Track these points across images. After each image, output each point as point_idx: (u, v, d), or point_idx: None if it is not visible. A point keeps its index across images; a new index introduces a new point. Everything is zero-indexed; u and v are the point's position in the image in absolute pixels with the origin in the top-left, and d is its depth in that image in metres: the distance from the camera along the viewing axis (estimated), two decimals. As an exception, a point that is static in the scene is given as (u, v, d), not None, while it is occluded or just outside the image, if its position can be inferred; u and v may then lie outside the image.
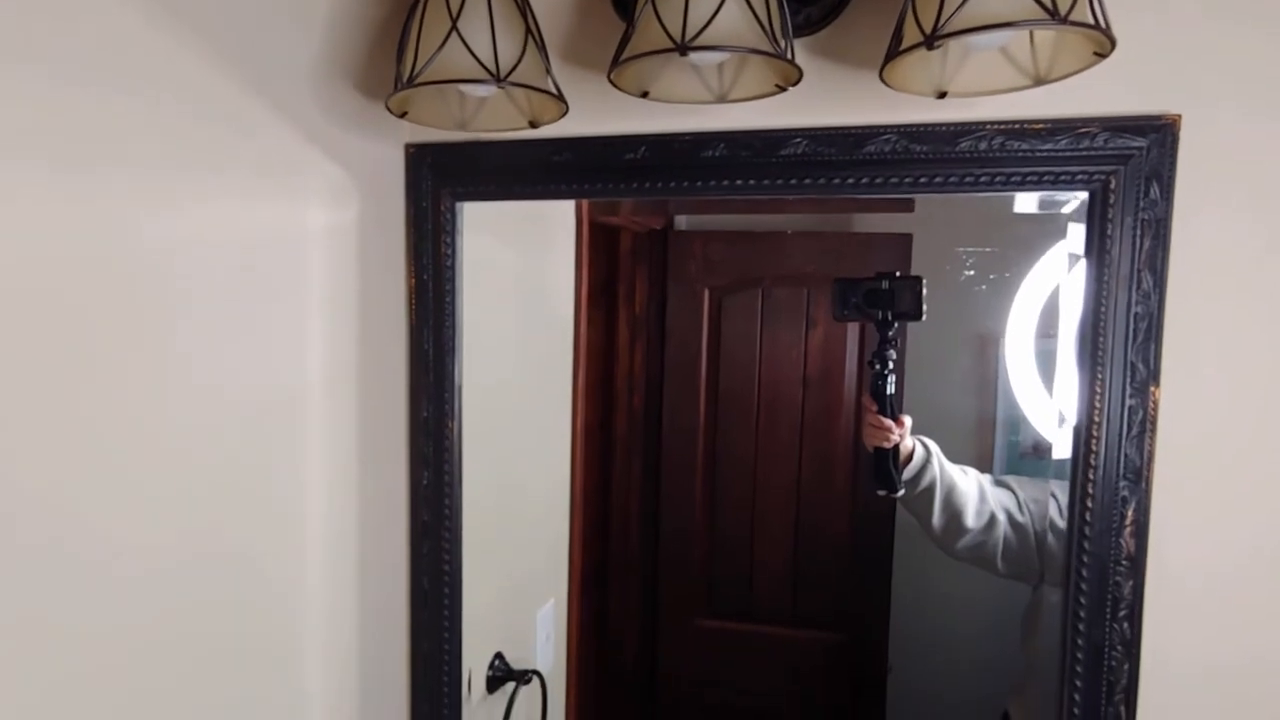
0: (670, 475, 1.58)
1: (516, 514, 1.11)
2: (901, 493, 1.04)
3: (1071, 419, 0.66)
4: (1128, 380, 0.63)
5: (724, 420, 1.59)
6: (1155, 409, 0.63)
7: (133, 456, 0.58)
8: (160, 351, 0.60)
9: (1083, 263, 0.65)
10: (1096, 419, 0.63)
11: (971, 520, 1.04)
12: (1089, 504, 0.64)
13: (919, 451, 1.03)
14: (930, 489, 1.04)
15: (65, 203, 0.52)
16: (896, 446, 1.01)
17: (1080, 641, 0.66)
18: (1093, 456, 0.64)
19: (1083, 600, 0.65)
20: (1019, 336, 1.08)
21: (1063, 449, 0.75)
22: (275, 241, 0.71)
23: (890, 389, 1.03)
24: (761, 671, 1.55)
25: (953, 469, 1.05)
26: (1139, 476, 0.64)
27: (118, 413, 0.56)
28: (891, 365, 1.04)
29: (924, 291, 1.09)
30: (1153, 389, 0.63)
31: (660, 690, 1.56)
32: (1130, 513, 0.63)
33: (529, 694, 1.09)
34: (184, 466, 0.62)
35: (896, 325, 1.06)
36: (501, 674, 1.04)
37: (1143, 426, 0.63)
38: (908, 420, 1.03)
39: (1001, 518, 1.04)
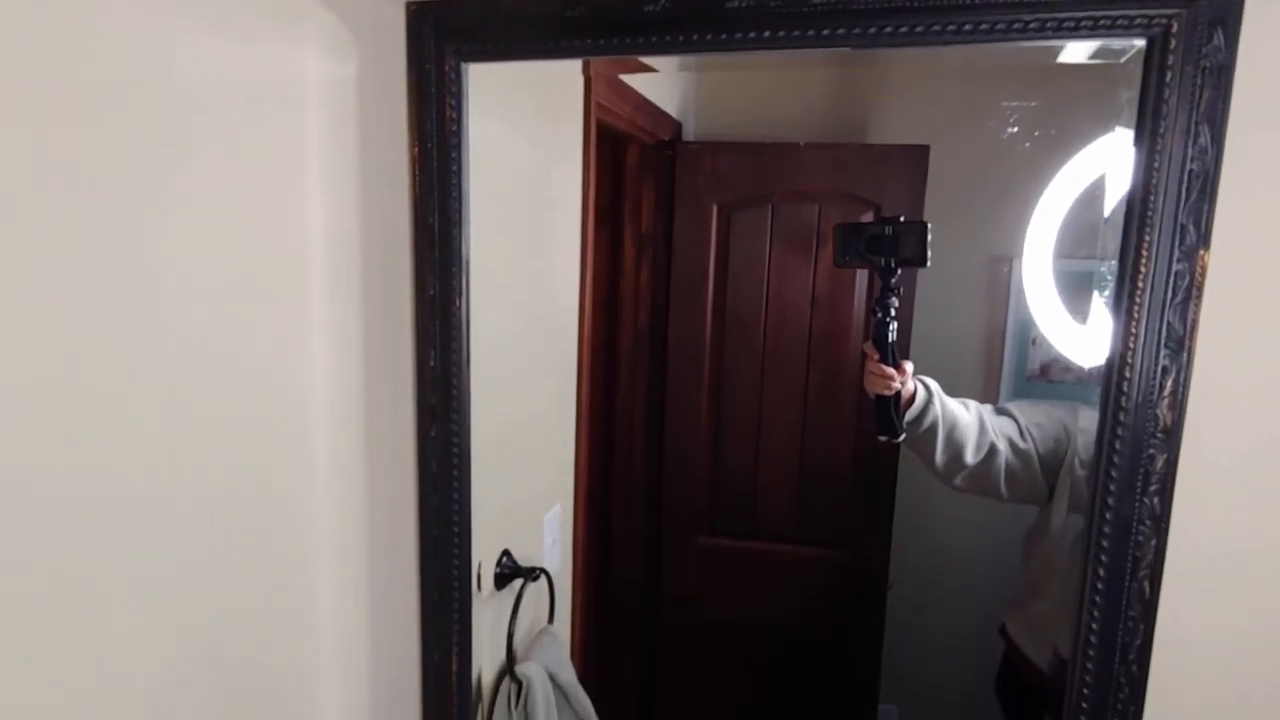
0: (675, 394, 1.57)
1: (524, 417, 1.09)
2: (903, 437, 1.04)
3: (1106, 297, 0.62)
4: (1176, 244, 0.60)
5: (730, 339, 1.56)
6: (1203, 275, 0.60)
7: (131, 322, 0.55)
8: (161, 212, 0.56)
9: (1132, 121, 0.61)
10: (1140, 285, 0.60)
11: (971, 456, 1.04)
12: (1127, 374, 0.62)
13: (920, 393, 1.02)
14: (932, 428, 1.03)
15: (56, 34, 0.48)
16: (898, 393, 1.00)
17: (1108, 516, 0.64)
18: (1134, 324, 0.61)
19: (1114, 474, 0.63)
20: (1037, 254, 1.06)
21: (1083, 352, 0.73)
22: (272, 93, 0.66)
23: (892, 336, 1.02)
24: (762, 587, 1.56)
25: (954, 405, 1.05)
26: (1180, 346, 0.61)
27: (117, 271, 0.53)
28: (894, 313, 1.03)
29: (929, 237, 1.06)
30: (1201, 253, 0.60)
31: (661, 603, 1.58)
32: (1169, 384, 0.61)
33: (536, 593, 1.09)
34: (180, 336, 0.58)
35: (899, 272, 1.04)
36: (509, 571, 1.03)
37: (1188, 294, 0.60)
38: (909, 366, 1.02)
39: (1003, 447, 1.04)
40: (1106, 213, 0.68)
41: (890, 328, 1.01)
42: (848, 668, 1.46)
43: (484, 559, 0.95)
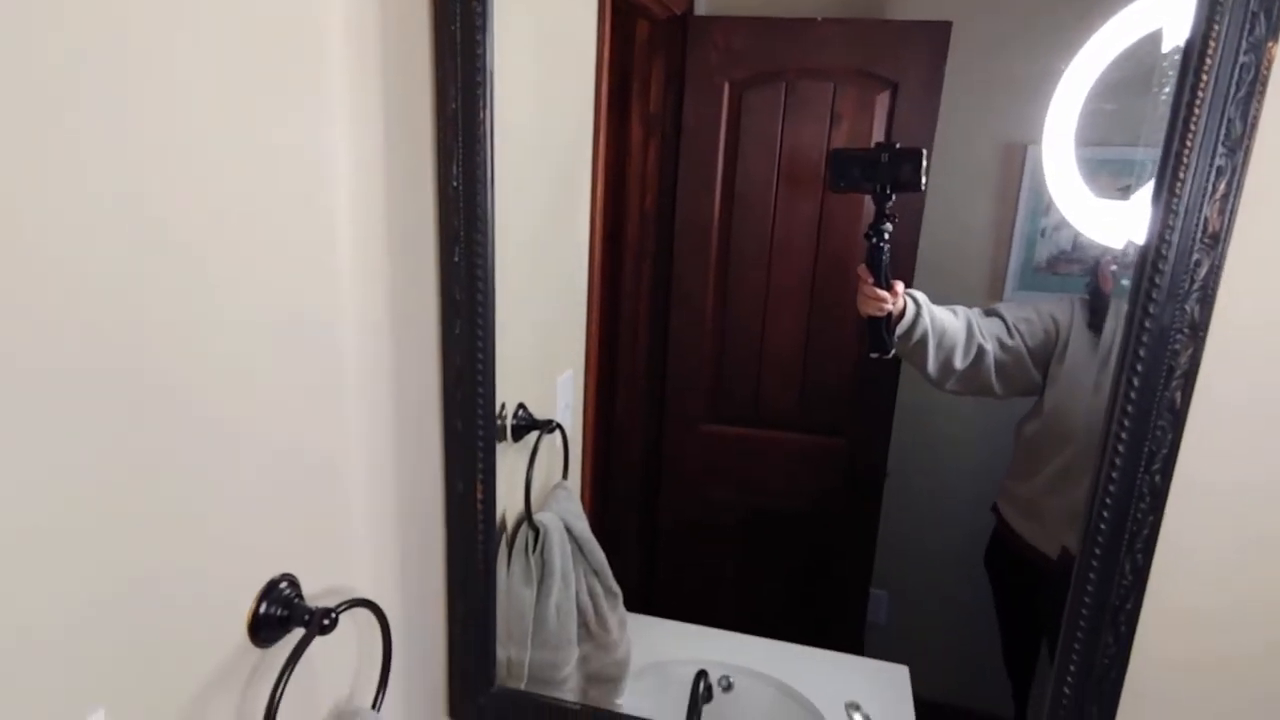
0: (681, 280, 1.55)
1: (540, 269, 1.07)
2: (893, 352, 1.06)
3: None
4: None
5: (739, 223, 1.53)
6: (1268, 68, 0.58)
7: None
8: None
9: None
10: (1204, 77, 0.58)
11: (960, 361, 1.06)
12: (1180, 175, 0.61)
13: (909, 308, 1.04)
14: (923, 340, 1.05)
15: None
16: (889, 314, 1.02)
17: (1147, 324, 0.64)
18: (1193, 120, 0.59)
19: (1157, 281, 0.63)
20: (1057, 139, 1.05)
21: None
22: None
23: (885, 258, 1.03)
24: (762, 474, 1.57)
25: (942, 315, 1.06)
26: (1237, 145, 0.60)
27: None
28: (888, 237, 1.03)
29: (925, 164, 1.04)
30: (1269, 45, 0.58)
31: (665, 486, 1.59)
32: (1222, 185, 0.60)
33: (550, 449, 1.09)
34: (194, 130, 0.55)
35: (894, 198, 1.03)
36: (525, 423, 1.03)
37: (1251, 88, 0.59)
38: (900, 286, 1.03)
39: (990, 347, 1.06)
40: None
41: (884, 251, 1.03)
42: (842, 553, 1.50)
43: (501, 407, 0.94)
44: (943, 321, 1.06)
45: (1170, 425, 0.66)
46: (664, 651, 1.16)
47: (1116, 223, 1.03)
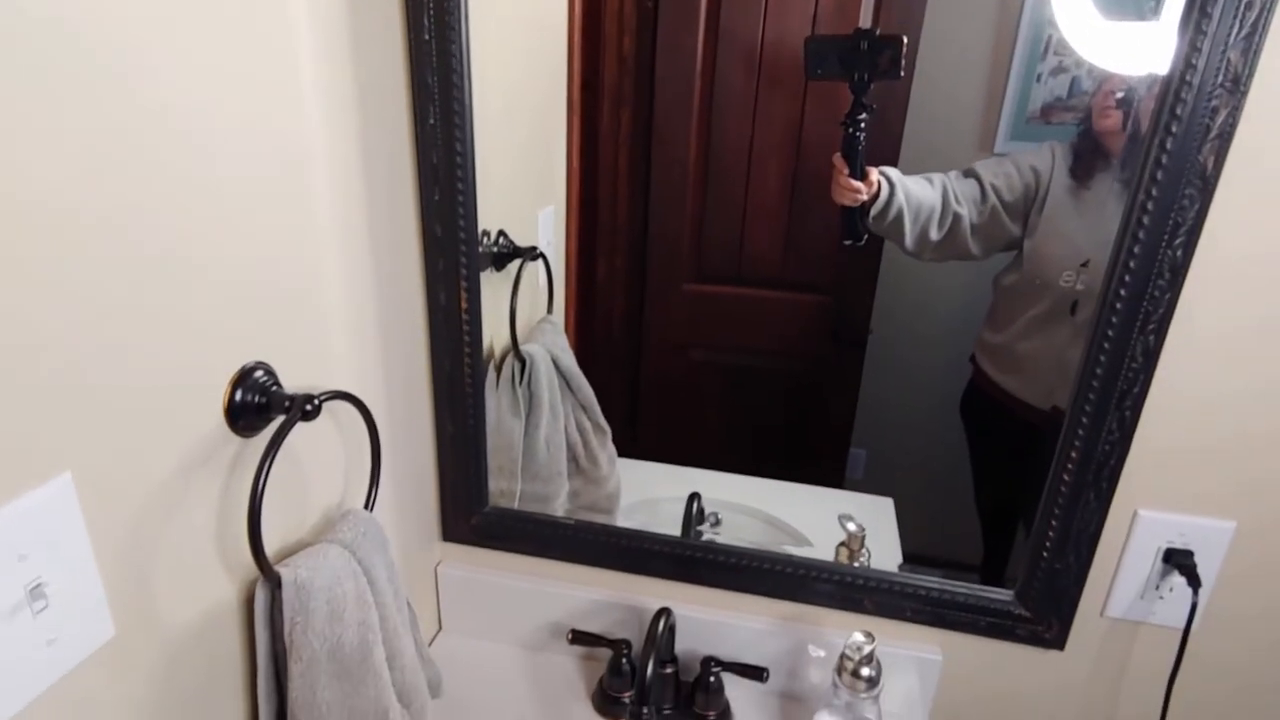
0: (662, 129, 1.47)
1: (515, 119, 1.00)
2: (866, 240, 1.06)
3: None
4: None
5: (724, 68, 1.44)
6: None
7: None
8: None
9: None
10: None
11: (936, 232, 1.04)
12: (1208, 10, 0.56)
13: (883, 189, 1.01)
14: (898, 217, 1.04)
15: None
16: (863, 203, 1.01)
17: (1159, 176, 0.61)
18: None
19: (1174, 129, 0.61)
20: None
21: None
22: None
23: (861, 148, 1.00)
24: (745, 333, 1.54)
25: (916, 188, 1.04)
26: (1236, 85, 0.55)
27: None
28: (864, 126, 0.99)
29: (904, 50, 0.97)
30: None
31: (647, 346, 1.57)
32: (1217, 124, 0.56)
33: (534, 285, 1.04)
34: None
35: (872, 87, 0.99)
36: (507, 251, 0.98)
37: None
38: (874, 174, 1.01)
39: (965, 212, 1.03)
40: None
41: (860, 140, 0.99)
42: (823, 412, 1.50)
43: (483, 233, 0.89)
44: (918, 196, 1.05)
45: (1199, 193, 0.64)
46: (653, 489, 1.15)
47: (1126, 48, 0.97)
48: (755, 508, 1.15)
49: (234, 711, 0.63)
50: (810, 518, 1.11)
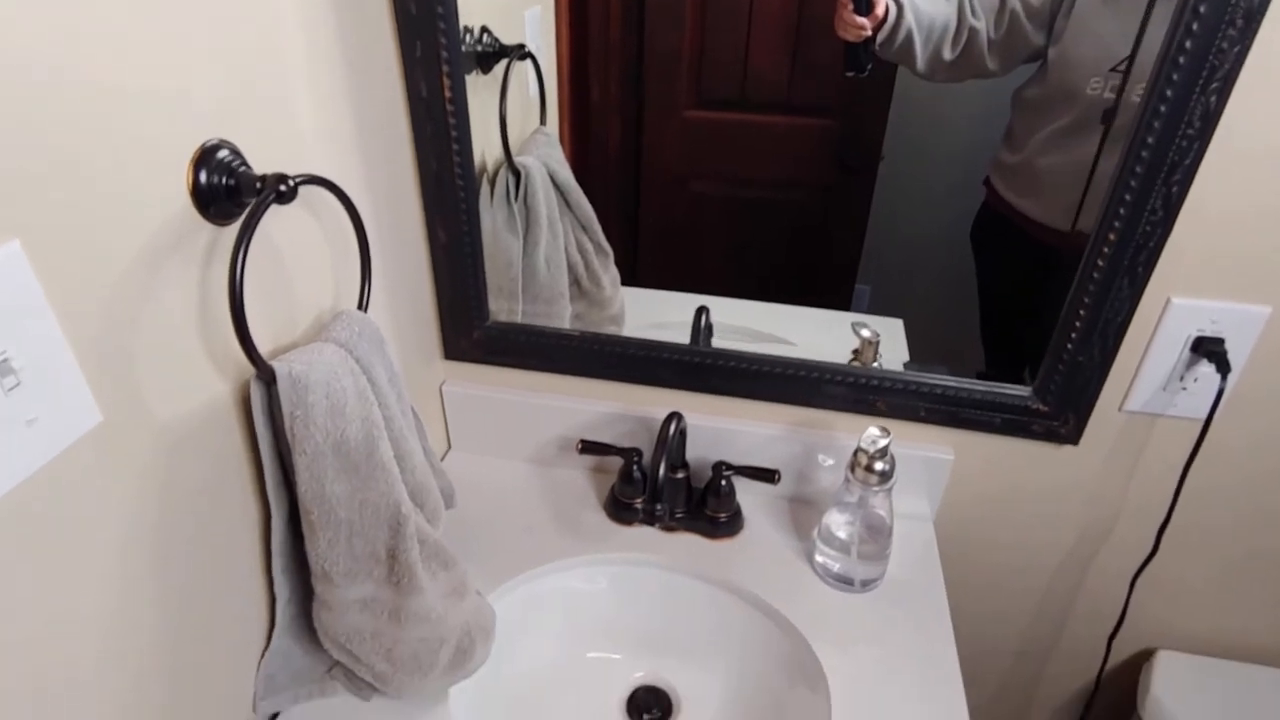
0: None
1: None
2: (869, 70, 0.96)
3: None
4: None
5: None
6: None
7: None
8: None
9: None
10: None
11: (949, 52, 0.94)
12: None
13: (890, 13, 0.90)
14: (907, 41, 0.93)
15: None
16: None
17: None
18: None
19: None
20: None
21: None
22: None
23: None
24: (748, 161, 1.45)
25: (926, 5, 0.88)
26: None
27: None
28: None
29: None
30: None
31: (646, 179, 1.48)
32: None
33: (524, 95, 0.95)
34: None
35: None
36: (493, 50, 0.88)
37: None
38: (880, 7, 0.90)
39: (982, 25, 0.91)
40: None
41: None
42: (828, 246, 1.44)
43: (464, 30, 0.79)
44: (929, 15, 0.93)
45: None
46: (657, 315, 1.12)
47: None
48: (763, 330, 1.12)
49: (245, 506, 0.63)
50: (819, 340, 1.08)
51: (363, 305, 0.67)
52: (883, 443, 0.74)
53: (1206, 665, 0.93)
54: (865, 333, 0.92)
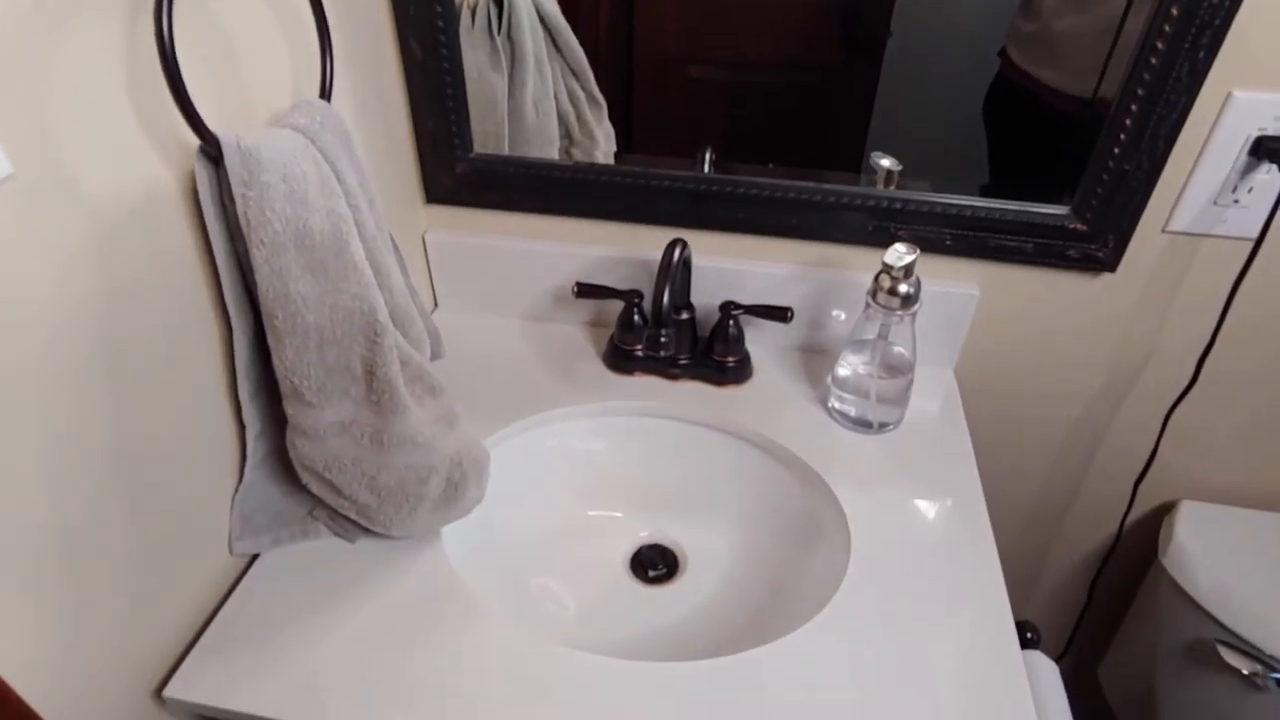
0: None
1: None
2: None
3: None
4: None
5: None
6: None
7: None
8: None
9: None
10: None
11: None
12: None
13: None
14: None
15: None
16: None
17: None
18: None
19: None
20: None
21: None
22: None
23: None
24: (748, 40, 1.34)
25: None
26: None
27: None
28: None
29: None
30: None
31: (636, 63, 1.37)
32: None
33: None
34: None
35: None
36: None
37: None
38: None
39: None
40: None
41: None
42: (834, 130, 1.34)
43: None
44: None
45: None
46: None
47: None
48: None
49: (203, 318, 0.56)
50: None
51: (325, 94, 0.59)
52: (909, 258, 0.67)
53: (1231, 514, 0.90)
54: (885, 163, 0.84)
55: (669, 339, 0.65)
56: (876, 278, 0.71)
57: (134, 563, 0.53)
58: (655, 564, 0.80)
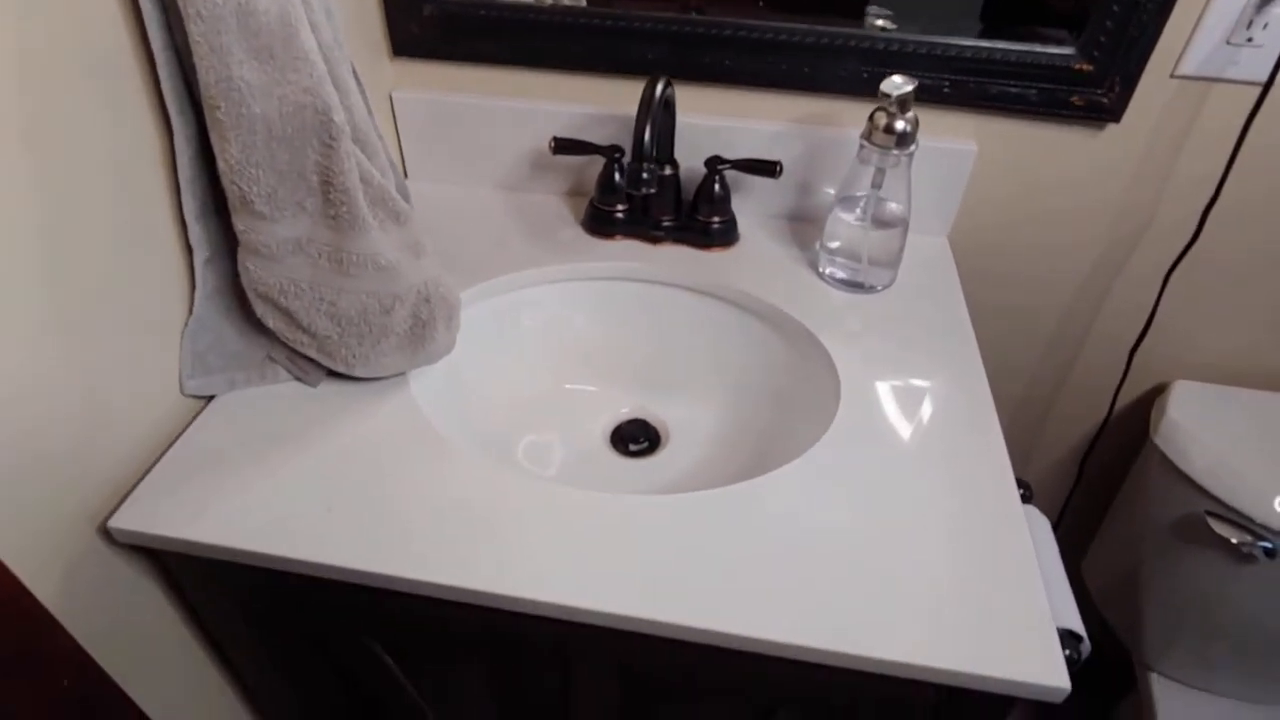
0: None
1: None
2: None
3: None
4: None
5: None
6: None
7: None
8: None
9: None
10: None
11: None
12: None
13: None
14: None
15: None
16: None
17: None
18: None
19: None
20: None
21: None
22: None
23: None
24: None
25: None
26: None
27: None
28: None
29: None
30: None
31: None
32: None
33: None
34: None
35: None
36: None
37: None
38: None
39: None
40: None
41: None
42: None
43: None
44: None
45: None
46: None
47: None
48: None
49: (137, 119, 0.51)
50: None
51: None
52: (907, 87, 0.63)
53: (1223, 392, 0.88)
54: (879, 22, 0.79)
55: (650, 176, 0.61)
56: (871, 117, 0.67)
57: (76, 395, 0.49)
58: (637, 438, 0.77)
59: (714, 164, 0.76)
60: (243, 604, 0.58)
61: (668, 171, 0.77)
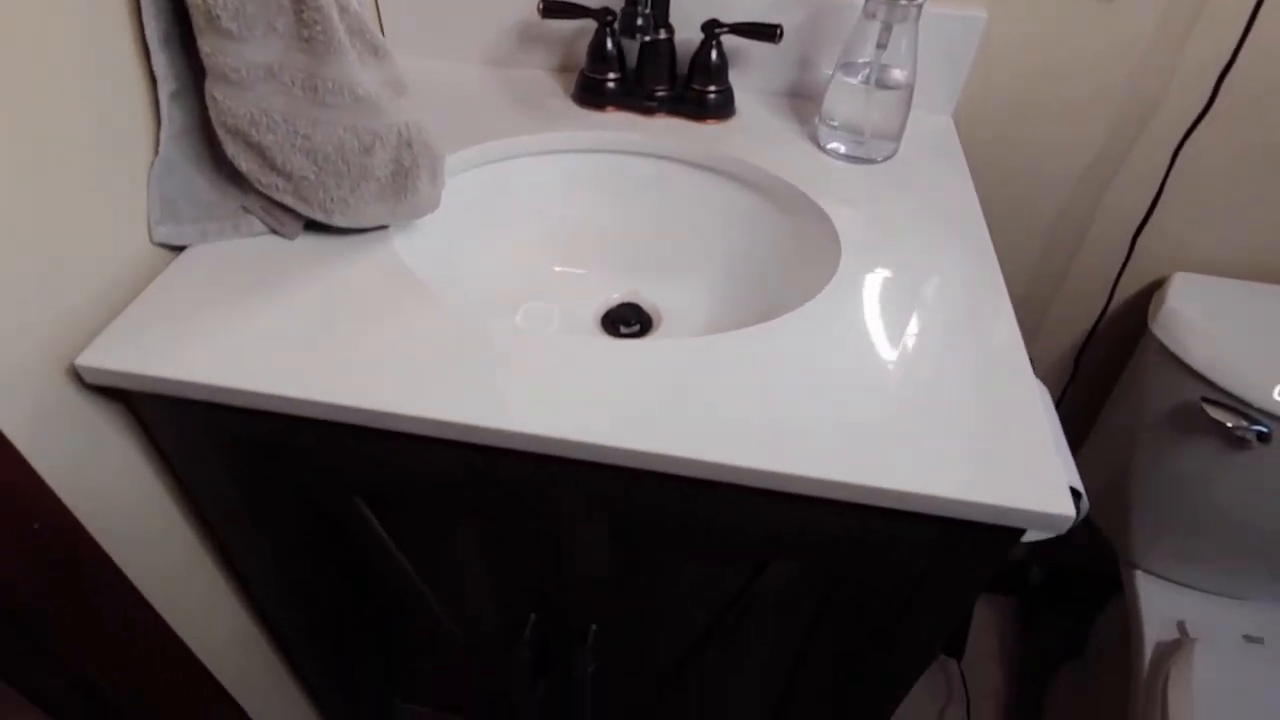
0: None
1: None
2: None
3: None
4: None
5: None
6: None
7: None
8: None
9: None
10: None
11: None
12: None
13: None
14: None
15: None
16: None
17: None
18: None
19: None
20: None
21: None
22: None
23: None
24: None
25: None
26: None
27: None
28: None
29: None
30: None
31: None
32: None
33: None
34: None
35: None
36: None
37: None
38: None
39: None
40: None
41: None
42: None
43: None
44: None
45: None
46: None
47: None
48: None
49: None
50: None
51: None
52: (918, -75, 0.60)
53: (1222, 284, 0.87)
54: None
55: (645, 24, 0.58)
56: (878, -32, 0.63)
57: (33, 233, 0.46)
58: (629, 321, 0.75)
59: (711, 28, 0.73)
60: (220, 454, 0.56)
61: (661, 35, 0.73)
